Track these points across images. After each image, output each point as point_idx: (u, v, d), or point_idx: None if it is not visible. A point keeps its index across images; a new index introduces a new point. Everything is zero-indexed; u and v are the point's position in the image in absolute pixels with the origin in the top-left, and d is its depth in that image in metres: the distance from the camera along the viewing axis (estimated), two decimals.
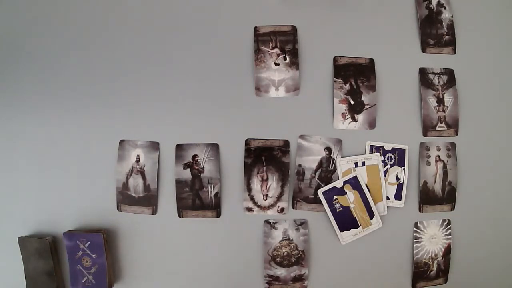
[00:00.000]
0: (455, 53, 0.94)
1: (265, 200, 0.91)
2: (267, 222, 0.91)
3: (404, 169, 0.92)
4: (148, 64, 0.92)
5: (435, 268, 0.93)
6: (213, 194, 0.91)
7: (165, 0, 0.93)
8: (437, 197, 0.92)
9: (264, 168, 0.90)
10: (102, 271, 0.88)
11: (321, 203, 0.90)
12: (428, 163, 0.92)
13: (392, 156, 0.91)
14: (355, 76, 0.92)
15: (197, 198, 0.91)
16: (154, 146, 0.91)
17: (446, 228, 0.93)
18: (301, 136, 0.91)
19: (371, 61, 0.92)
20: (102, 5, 0.93)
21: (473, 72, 0.94)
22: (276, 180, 0.90)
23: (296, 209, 0.91)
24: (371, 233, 0.91)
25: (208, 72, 0.92)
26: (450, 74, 0.93)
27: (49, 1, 0.94)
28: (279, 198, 0.91)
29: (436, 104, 0.92)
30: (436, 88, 0.93)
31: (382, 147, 0.91)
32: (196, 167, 0.91)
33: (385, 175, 0.91)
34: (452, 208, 0.93)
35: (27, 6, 0.94)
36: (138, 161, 0.91)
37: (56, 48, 0.93)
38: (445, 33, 0.94)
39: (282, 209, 0.91)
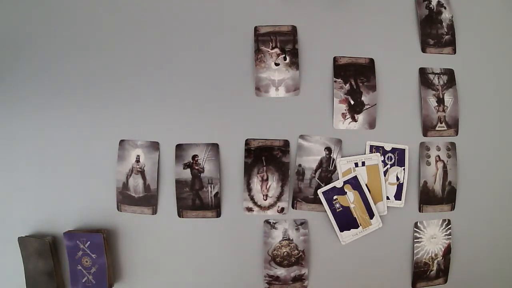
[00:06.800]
0: (455, 53, 0.94)
1: (265, 200, 0.91)
2: (267, 222, 0.91)
3: (404, 169, 0.92)
4: (148, 64, 0.92)
5: (435, 268, 0.93)
6: (213, 194, 0.91)
7: (165, 1, 0.93)
8: (437, 197, 0.92)
9: (264, 168, 0.90)
10: (102, 271, 0.88)
11: (321, 203, 0.90)
12: (428, 163, 0.92)
13: (392, 156, 0.91)
14: (355, 76, 0.92)
15: (197, 198, 0.91)
16: (154, 146, 0.91)
17: (446, 228, 0.93)
18: (301, 136, 0.91)
19: (371, 61, 0.92)
20: (102, 5, 0.93)
21: (473, 72, 0.94)
22: (276, 180, 0.90)
23: (296, 209, 0.91)
24: (371, 233, 0.91)
25: (208, 72, 0.92)
26: (450, 74, 0.94)
27: (49, 1, 0.94)
28: (279, 198, 0.91)
29: (436, 104, 0.92)
30: (436, 88, 0.93)
31: (382, 147, 0.91)
32: (196, 167, 0.91)
33: (385, 175, 0.91)
34: (452, 208, 0.93)
35: (27, 7, 0.94)
36: (138, 161, 0.91)
37: (56, 48, 0.93)
38: (445, 33, 0.94)
39: (282, 209, 0.91)
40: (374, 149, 0.91)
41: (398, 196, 0.92)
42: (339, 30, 0.93)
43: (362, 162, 0.91)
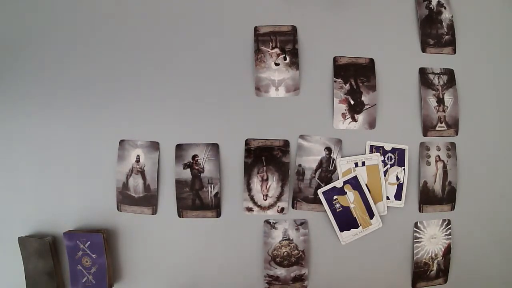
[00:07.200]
0: (455, 53, 0.94)
1: (265, 200, 0.91)
2: (267, 222, 0.91)
3: (404, 169, 0.92)
4: (148, 64, 0.92)
5: (435, 268, 0.93)
6: (213, 194, 0.91)
7: (165, 1, 0.93)
8: (437, 197, 0.92)
9: (264, 168, 0.90)
10: (102, 271, 0.88)
11: (321, 203, 0.90)
12: (428, 163, 0.92)
13: (392, 156, 0.91)
14: (355, 76, 0.92)
15: (197, 198, 0.91)
16: (154, 146, 0.91)
17: (446, 228, 0.93)
18: (301, 136, 0.91)
19: (371, 61, 0.92)
20: (102, 5, 0.93)
21: (473, 72, 0.94)
22: (276, 180, 0.90)
23: (296, 209, 0.91)
24: (371, 233, 0.91)
25: (208, 72, 0.92)
26: (450, 74, 0.94)
27: (49, 1, 0.94)
28: (279, 198, 0.91)
29: (436, 104, 0.92)
30: (436, 88, 0.93)
31: (382, 147, 0.91)
32: (196, 167, 0.91)
33: (385, 175, 0.91)
34: (452, 208, 0.93)
35: (27, 7, 0.94)
36: (138, 161, 0.91)
37: (56, 48, 0.93)
38: (445, 33, 0.94)
39: (282, 209, 0.91)
40: (374, 149, 0.91)
41: (398, 196, 0.92)
42: (339, 30, 0.93)
43: (362, 162, 0.91)
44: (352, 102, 0.91)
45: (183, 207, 0.91)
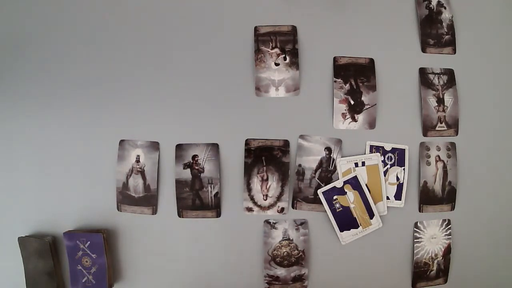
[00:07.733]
0: (455, 53, 0.94)
1: (265, 200, 0.91)
2: (267, 222, 0.91)
3: (404, 169, 0.92)
4: (148, 64, 0.92)
5: (435, 268, 0.93)
6: (213, 194, 0.91)
7: (165, 1, 0.93)
8: (437, 197, 0.92)
9: (264, 168, 0.90)
10: (102, 271, 0.88)
11: (321, 203, 0.90)
12: (428, 163, 0.92)
13: (392, 156, 0.91)
14: (355, 76, 0.92)
15: (197, 198, 0.91)
16: (154, 146, 0.91)
17: (446, 228, 0.93)
18: (301, 136, 0.91)
19: (371, 61, 0.92)
20: (102, 5, 0.93)
21: (473, 72, 0.94)
22: (276, 180, 0.90)
23: (296, 209, 0.91)
24: (371, 233, 0.91)
25: (208, 72, 0.92)
26: (450, 74, 0.94)
27: (49, 2, 0.94)
28: (279, 198, 0.91)
29: (436, 104, 0.92)
30: (436, 88, 0.93)
31: (382, 147, 0.91)
32: (196, 167, 0.91)
33: (385, 175, 0.91)
34: (452, 208, 0.93)
35: (27, 7, 0.94)
36: (138, 161, 0.91)
37: (56, 48, 0.93)
38: (445, 33, 0.94)
39: (282, 209, 0.91)
40: (374, 149, 0.91)
41: (398, 196, 0.92)
42: (339, 30, 0.93)
43: (362, 162, 0.91)
44: (352, 102, 0.91)
45: (183, 207, 0.91)
